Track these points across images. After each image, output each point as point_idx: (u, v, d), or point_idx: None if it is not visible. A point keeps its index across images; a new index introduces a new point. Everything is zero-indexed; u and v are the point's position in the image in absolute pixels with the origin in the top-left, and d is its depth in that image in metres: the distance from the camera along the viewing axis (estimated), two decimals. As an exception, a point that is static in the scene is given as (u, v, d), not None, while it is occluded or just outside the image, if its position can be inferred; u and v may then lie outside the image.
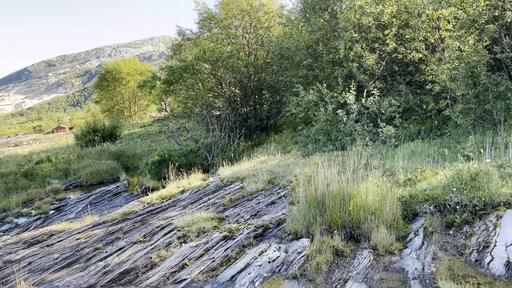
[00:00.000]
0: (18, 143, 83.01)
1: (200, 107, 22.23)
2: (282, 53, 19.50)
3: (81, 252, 7.68)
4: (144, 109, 73.69)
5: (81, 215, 13.91)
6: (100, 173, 22.52)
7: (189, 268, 5.96)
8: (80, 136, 36.32)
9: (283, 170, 10.90)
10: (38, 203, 17.20)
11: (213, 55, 21.25)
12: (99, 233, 8.77)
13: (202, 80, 21.40)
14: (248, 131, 23.68)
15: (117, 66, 68.91)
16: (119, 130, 39.16)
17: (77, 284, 6.27)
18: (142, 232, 8.03)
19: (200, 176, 13.44)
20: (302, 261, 5.42)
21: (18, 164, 28.57)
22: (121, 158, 27.95)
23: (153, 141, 36.05)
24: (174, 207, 10.01)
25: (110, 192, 17.22)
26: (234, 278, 5.36)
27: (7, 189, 20.78)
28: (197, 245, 6.71)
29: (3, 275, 7.24)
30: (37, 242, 9.55)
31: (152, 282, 5.78)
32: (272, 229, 6.91)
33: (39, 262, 7.65)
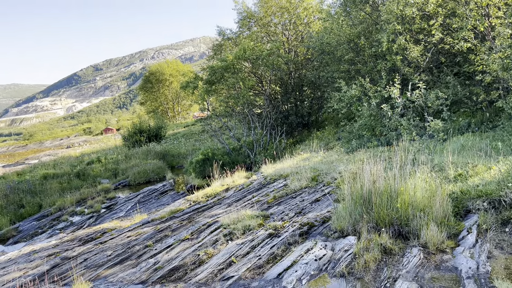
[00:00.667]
0: (70, 145, 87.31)
1: (241, 105, 22.43)
2: (322, 48, 19.29)
3: (132, 249, 7.99)
4: (187, 109, 75.30)
5: (130, 214, 14.45)
6: (147, 173, 23.22)
7: (236, 265, 6.05)
8: (127, 137, 37.61)
9: (326, 167, 10.80)
10: (90, 202, 18.01)
11: (253, 54, 21.36)
12: (148, 231, 9.07)
13: (242, 79, 21.58)
14: (289, 128, 23.63)
15: (160, 68, 70.80)
16: (163, 130, 40.18)
17: (130, 280, 6.54)
18: (189, 230, 8.23)
19: (244, 174, 13.57)
20: (349, 259, 5.37)
21: (71, 165, 30.04)
22: (166, 157, 28.69)
23: (197, 140, 36.76)
24: (219, 205, 10.18)
25: (157, 191, 17.73)
26: (281, 276, 5.39)
27: (62, 189, 21.91)
28: (243, 242, 6.80)
29: (61, 271, 7.67)
30: (91, 240, 10.04)
31: (200, 279, 5.93)
32: (317, 227, 6.88)
33: (94, 259, 8.03)
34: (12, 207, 19.15)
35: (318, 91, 24.73)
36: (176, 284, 5.94)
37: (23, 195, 20.77)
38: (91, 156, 33.94)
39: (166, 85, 70.18)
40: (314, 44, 20.27)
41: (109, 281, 6.68)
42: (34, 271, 7.94)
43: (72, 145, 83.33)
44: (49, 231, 15.02)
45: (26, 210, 18.70)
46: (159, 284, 6.12)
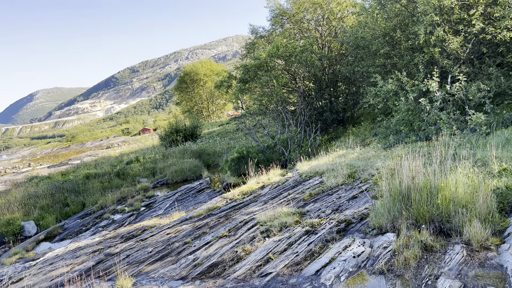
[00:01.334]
0: (110, 145, 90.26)
1: (275, 103, 22.44)
2: (357, 43, 18.98)
3: (172, 246, 8.19)
4: (221, 108, 76.10)
5: (169, 211, 14.80)
6: (184, 171, 23.67)
7: (273, 262, 6.09)
8: (164, 137, 38.49)
9: (363, 164, 10.65)
10: (130, 201, 18.58)
11: (286, 51, 21.31)
12: (187, 228, 9.27)
13: (276, 77, 21.58)
14: (324, 125, 23.43)
15: (195, 68, 71.90)
16: (199, 129, 40.84)
17: (171, 276, 6.72)
18: (227, 227, 8.35)
19: (279, 171, 13.59)
20: (389, 256, 5.29)
21: (111, 164, 31.08)
22: (202, 156, 29.14)
23: (231, 138, 37.10)
24: (255, 203, 10.25)
25: (194, 189, 18.05)
26: (319, 273, 5.38)
27: (103, 188, 22.71)
28: (280, 239, 6.84)
29: (106, 267, 7.97)
30: (133, 237, 10.36)
31: (239, 275, 6.01)
32: (355, 224, 6.81)
33: (136, 255, 8.30)
34: (58, 205, 20.04)
35: (353, 87, 24.37)
36: (215, 280, 6.05)
37: (67, 194, 21.70)
38: (130, 156, 34.93)
39: (201, 85, 71.19)
40: (348, 39, 19.97)
41: (150, 277, 6.88)
42: (80, 266, 8.30)
43: (112, 146, 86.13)
44: (92, 228, 15.61)
45: (71, 209, 19.52)
46: (199, 280, 6.26)
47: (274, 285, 5.42)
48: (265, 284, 5.50)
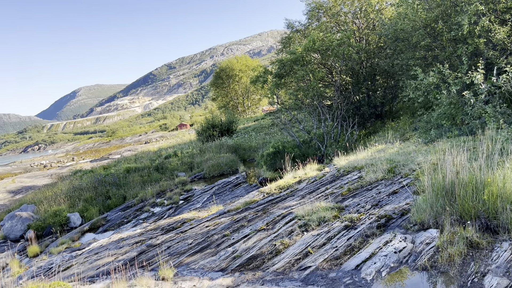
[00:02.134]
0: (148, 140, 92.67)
1: (311, 98, 22.27)
2: (396, 35, 18.50)
3: (211, 239, 8.34)
4: (256, 103, 76.31)
5: (207, 205, 15.06)
6: (221, 166, 23.95)
7: (312, 256, 6.10)
8: (200, 132, 39.07)
9: (403, 159, 10.42)
10: (169, 194, 19.01)
11: (323, 45, 21.08)
12: (225, 221, 9.42)
13: (312, 71, 21.42)
14: (361, 120, 23.04)
15: (230, 64, 72.39)
16: (235, 124, 41.17)
17: (210, 268, 6.85)
18: (265, 221, 8.41)
19: (316, 166, 13.51)
20: (432, 252, 5.17)
21: (150, 159, 31.89)
22: (238, 151, 29.39)
23: (267, 133, 37.17)
24: (293, 197, 10.26)
25: (231, 183, 18.24)
26: (359, 267, 5.35)
27: (143, 181, 23.35)
28: (318, 234, 6.83)
29: (148, 257, 8.23)
30: (172, 229, 10.63)
31: (278, 268, 6.06)
32: (396, 219, 6.69)
33: (176, 247, 8.51)
34: (100, 198, 20.80)
35: (391, 80, 23.81)
36: (255, 272, 6.13)
37: (109, 187, 22.47)
38: (168, 151, 35.69)
39: (236, 81, 71.63)
40: (387, 31, 19.50)
41: (191, 268, 7.05)
42: (123, 256, 8.62)
43: (150, 141, 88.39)
44: (133, 220, 16.11)
45: (112, 201, 20.21)
46: (238, 272, 6.36)
47: (313, 278, 5.43)
48: (305, 277, 5.53)
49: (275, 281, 5.54)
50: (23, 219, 18.10)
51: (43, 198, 21.63)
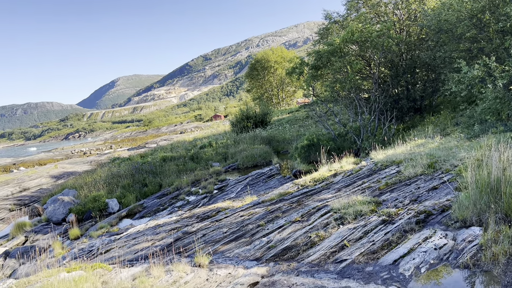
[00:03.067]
0: (183, 131, 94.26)
1: (348, 90, 21.89)
2: (439, 26, 17.83)
3: (246, 228, 8.41)
4: (291, 95, 75.86)
5: (240, 195, 15.17)
6: (254, 157, 24.04)
7: (348, 249, 6.04)
8: (235, 123, 39.31)
9: (444, 154, 10.09)
10: (203, 183, 19.29)
11: (362, 36, 20.62)
12: (259, 212, 9.46)
13: (350, 63, 21.03)
14: (399, 113, 22.45)
15: (265, 55, 72.14)
16: (269, 116, 41.13)
17: (245, 257, 6.92)
18: (299, 212, 8.39)
19: (352, 159, 13.32)
20: (474, 250, 5.00)
21: (185, 148, 32.42)
22: (272, 142, 29.38)
23: (301, 126, 36.91)
24: (328, 190, 10.17)
25: (265, 174, 18.29)
26: (397, 263, 5.25)
27: (178, 170, 23.80)
28: (355, 227, 6.74)
29: (184, 244, 8.40)
30: (207, 217, 10.79)
31: (313, 260, 6.04)
32: (436, 216, 6.51)
33: (211, 235, 8.64)
34: (137, 185, 21.35)
35: (432, 73, 23.03)
36: (289, 263, 6.13)
37: (146, 175, 23.03)
38: (203, 141, 36.13)
39: (271, 72, 71.38)
40: (430, 22, 18.83)
41: (226, 256, 7.14)
42: (160, 242, 8.84)
43: (185, 131, 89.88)
44: (169, 208, 16.47)
45: (149, 189, 20.71)
46: (273, 262, 6.38)
47: (349, 272, 5.38)
48: (340, 270, 5.48)
49: (310, 273, 5.53)
50: (64, 203, 18.87)
51: (83, 184, 22.44)
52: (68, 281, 5.01)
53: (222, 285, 5.37)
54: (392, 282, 4.80)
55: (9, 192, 27.74)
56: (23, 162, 59.36)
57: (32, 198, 25.34)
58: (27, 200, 24.84)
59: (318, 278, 5.26)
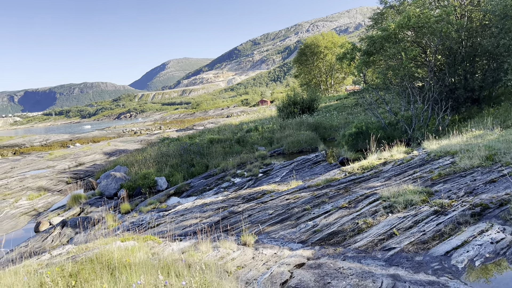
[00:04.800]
0: (230, 114, 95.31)
1: (401, 77, 21.12)
2: (505, 12, 16.71)
3: (291, 211, 8.44)
4: (340, 82, 74.37)
5: (285, 179, 15.20)
6: (300, 143, 23.93)
7: (397, 238, 5.91)
8: (281, 108, 39.16)
9: (505, 146, 9.54)
10: (249, 166, 19.48)
11: (419, 21, 19.71)
12: (305, 196, 9.44)
13: (404, 49, 20.23)
14: (455, 104, 21.40)
15: (316, 41, 70.93)
16: (316, 102, 40.59)
17: (290, 239, 6.96)
18: (347, 199, 8.29)
19: (403, 149, 12.92)
20: (536, 247, 4.74)
21: (232, 132, 32.81)
22: (318, 129, 29.05)
23: (349, 113, 36.19)
24: (377, 178, 9.95)
25: (310, 160, 18.18)
26: (450, 254, 5.08)
27: (225, 152, 24.16)
28: (404, 216, 6.58)
29: (230, 222, 8.57)
30: (253, 199, 10.92)
31: (360, 246, 5.97)
32: (493, 209, 6.21)
33: (257, 216, 8.75)
34: (185, 165, 21.92)
35: (493, 62, 21.69)
36: (335, 248, 6.10)
37: (193, 156, 23.58)
38: (249, 125, 36.37)
39: (321, 58, 70.17)
40: (495, 8, 17.67)
41: (271, 237, 7.22)
42: (207, 220, 9.07)
43: (231, 115, 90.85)
44: (215, 188, 16.82)
45: (196, 169, 21.21)
46: (318, 246, 6.38)
47: (398, 260, 5.27)
48: (388, 258, 5.39)
49: (357, 258, 5.48)
50: (116, 179, 19.76)
51: (134, 161, 23.34)
52: (123, 249, 5.28)
53: (268, 264, 5.44)
54: (444, 273, 4.66)
55: (66, 166, 29.42)
56: (79, 139, 62.61)
57: (86, 173, 26.74)
58: (82, 174, 26.24)
59: (365, 264, 5.20)
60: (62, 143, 59.60)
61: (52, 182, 23.60)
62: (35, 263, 5.31)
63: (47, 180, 24.08)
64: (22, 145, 60.46)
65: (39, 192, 21.27)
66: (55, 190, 21.98)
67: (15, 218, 16.94)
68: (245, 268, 5.33)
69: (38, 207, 18.56)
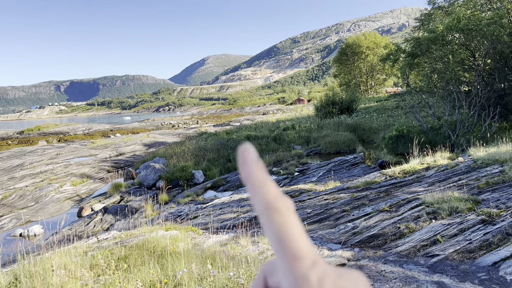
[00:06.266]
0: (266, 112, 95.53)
1: (446, 81, 20.46)
2: None
3: (330, 212, 8.39)
4: (380, 83, 72.86)
5: (322, 180, 15.10)
6: (338, 143, 23.67)
7: (441, 245, 5.77)
8: (319, 108, 38.81)
9: (559, 157, 9.10)
10: (285, 165, 19.49)
11: (469, 23, 19.01)
12: (344, 197, 9.36)
13: (452, 52, 19.58)
14: (504, 110, 20.49)
15: (357, 40, 69.78)
16: (355, 103, 39.94)
17: (329, 239, 6.93)
18: (388, 202, 8.15)
19: (446, 154, 12.55)
20: None
21: (268, 129, 32.89)
22: (357, 130, 28.61)
23: (389, 116, 35.41)
24: (419, 183, 9.73)
25: (348, 162, 17.96)
26: (498, 265, 4.91)
27: (261, 150, 24.26)
28: (449, 223, 6.41)
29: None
30: (290, 197, 10.90)
31: (401, 251, 5.88)
32: (546, 222, 5.94)
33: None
34: (222, 160, 22.18)
35: (548, 68, 20.60)
36: (376, 251, 6.03)
37: (230, 151, 23.81)
38: (286, 123, 36.31)
39: (362, 58, 68.99)
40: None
41: (309, 236, 7.21)
42: (245, 215, 9.17)
43: (267, 112, 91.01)
44: (251, 185, 16.93)
45: (232, 165, 21.42)
46: (358, 248, 6.32)
47: (442, 267, 5.15)
48: (432, 264, 5.27)
49: (398, 263, 5.40)
50: (155, 170, 20.27)
51: (172, 154, 23.86)
52: (167, 238, 5.44)
53: (308, 262, 5.45)
54: (491, 284, 4.51)
55: (107, 155, 30.45)
56: (119, 129, 64.64)
57: (126, 162, 27.58)
58: (122, 164, 27.09)
59: (407, 269, 5.11)
60: (103, 132, 61.76)
61: (94, 170, 24.51)
62: (84, 246, 5.56)
63: (90, 167, 25.03)
64: (66, 133, 63.14)
65: (82, 179, 22.16)
66: (97, 177, 22.81)
67: (60, 202, 17.73)
68: (285, 264, 5.37)
69: (81, 193, 19.34)
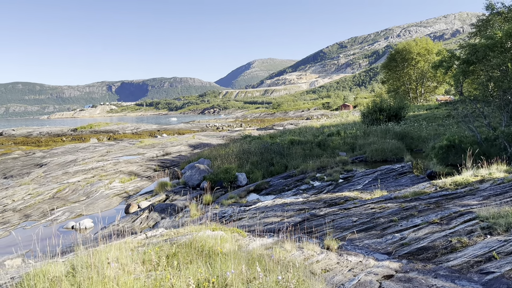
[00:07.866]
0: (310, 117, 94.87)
1: (504, 90, 19.44)
2: None
3: (377, 221, 8.18)
4: (431, 91, 70.35)
5: (368, 188, 14.76)
6: (384, 151, 23.04)
7: (497, 262, 5.47)
8: (366, 114, 38.00)
9: None
10: (329, 171, 19.22)
11: (531, 30, 18.01)
12: (392, 207, 9.10)
13: (511, 59, 18.60)
14: None
15: (408, 46, 67.79)
16: (404, 111, 38.78)
17: (375, 249, 6.76)
18: (438, 215, 7.84)
19: (503, 167, 11.90)
20: None
21: (313, 134, 32.61)
22: (405, 139, 27.73)
23: (440, 125, 34.05)
24: (473, 196, 9.28)
25: (395, 171, 17.46)
26: (562, 288, 4.59)
27: (304, 155, 24.10)
28: (506, 240, 6.06)
29: (311, 225, 8.54)
30: (335, 204, 10.78)
31: (453, 265, 5.63)
32: None
33: (340, 221, 8.62)
34: (265, 164, 22.25)
35: None
36: (425, 264, 5.81)
37: (273, 155, 23.85)
38: (331, 129, 35.85)
39: (412, 65, 66.93)
40: None
41: (355, 245, 7.07)
42: (289, 219, 9.13)
43: (311, 117, 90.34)
44: (294, 189, 16.86)
45: (275, 169, 21.44)
46: (406, 259, 6.12)
47: (497, 285, 4.88)
48: (486, 282, 5.01)
49: (450, 278, 5.17)
50: (200, 171, 20.65)
51: (217, 155, 24.23)
52: (213, 238, 5.52)
53: (354, 271, 5.34)
54: (554, 308, 4.22)
55: (154, 154, 31.40)
56: (166, 130, 66.50)
57: (172, 162, 28.30)
58: (168, 163, 27.83)
59: (460, 285, 4.89)
60: (150, 132, 63.77)
61: (142, 168, 25.34)
62: (135, 241, 5.75)
63: (137, 166, 25.91)
64: (115, 131, 65.76)
65: (130, 176, 22.98)
66: (144, 176, 23.58)
67: (109, 198, 18.47)
68: (330, 272, 5.29)
69: (128, 190, 20.06)
